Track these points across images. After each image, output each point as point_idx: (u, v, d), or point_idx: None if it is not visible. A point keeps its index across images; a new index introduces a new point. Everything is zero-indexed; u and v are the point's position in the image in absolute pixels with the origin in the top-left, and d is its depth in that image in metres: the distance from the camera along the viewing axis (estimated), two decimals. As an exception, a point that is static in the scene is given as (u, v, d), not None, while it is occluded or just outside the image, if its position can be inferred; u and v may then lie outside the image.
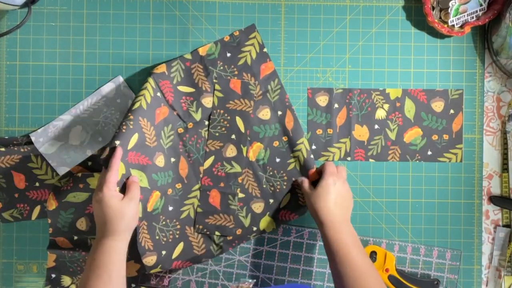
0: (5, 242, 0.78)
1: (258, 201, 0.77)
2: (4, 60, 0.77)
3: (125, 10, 0.78)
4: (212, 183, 0.76)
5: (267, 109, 0.76)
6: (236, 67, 0.76)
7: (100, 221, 0.63)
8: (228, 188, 0.76)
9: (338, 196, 0.69)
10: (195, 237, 0.75)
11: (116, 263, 0.61)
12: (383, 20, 0.78)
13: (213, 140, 0.76)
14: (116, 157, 0.64)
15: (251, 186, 0.77)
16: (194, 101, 0.76)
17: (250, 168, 0.77)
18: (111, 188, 0.63)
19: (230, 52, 0.76)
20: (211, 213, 0.76)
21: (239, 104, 0.76)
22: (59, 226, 0.76)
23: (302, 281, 0.78)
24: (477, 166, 0.79)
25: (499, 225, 0.79)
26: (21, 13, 0.77)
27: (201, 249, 0.75)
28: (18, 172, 0.76)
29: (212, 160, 0.76)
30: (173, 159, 0.74)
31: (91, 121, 0.76)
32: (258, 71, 0.76)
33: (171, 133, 0.74)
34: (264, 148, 0.76)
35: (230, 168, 0.76)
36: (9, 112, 0.77)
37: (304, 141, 0.76)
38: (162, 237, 0.72)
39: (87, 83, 0.77)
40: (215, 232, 0.76)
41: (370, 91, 0.78)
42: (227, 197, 0.76)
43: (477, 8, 0.76)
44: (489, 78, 0.79)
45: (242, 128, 0.76)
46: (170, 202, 0.74)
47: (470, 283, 0.79)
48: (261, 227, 0.76)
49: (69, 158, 0.75)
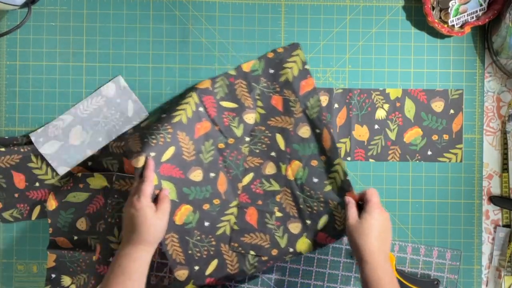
0: (5, 242, 0.78)
1: (295, 221, 0.75)
2: (4, 60, 0.77)
3: (125, 10, 0.78)
4: (250, 200, 0.75)
5: (307, 127, 0.75)
6: (278, 84, 0.75)
7: (130, 228, 0.64)
8: (265, 206, 0.75)
9: (382, 231, 0.66)
10: (230, 255, 0.74)
11: (141, 273, 0.62)
12: (383, 20, 0.78)
13: (253, 156, 0.75)
14: (150, 168, 0.66)
15: (288, 205, 0.75)
16: (236, 117, 0.75)
17: (288, 186, 0.75)
18: (147, 199, 0.64)
19: (273, 68, 0.75)
20: (247, 231, 0.74)
21: (280, 121, 0.75)
22: (59, 226, 0.76)
23: (302, 281, 0.78)
24: (477, 166, 0.79)
25: (499, 225, 0.79)
26: (21, 13, 0.77)
27: (235, 268, 0.74)
28: (18, 172, 0.76)
29: (251, 177, 0.75)
30: (213, 174, 0.73)
31: (91, 121, 0.76)
32: (298, 88, 0.75)
33: (212, 148, 0.73)
34: (302, 166, 0.75)
35: (269, 185, 0.75)
36: (9, 112, 0.77)
37: (340, 161, 0.74)
38: (196, 252, 0.71)
39: (87, 83, 0.77)
40: (250, 251, 0.74)
41: (370, 91, 0.78)
42: (264, 215, 0.75)
43: (477, 8, 0.76)
44: (489, 78, 0.79)
45: (282, 146, 0.75)
46: (206, 218, 0.73)
47: (470, 283, 0.79)
48: (297, 249, 0.74)
49: (69, 158, 0.75)
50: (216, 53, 0.78)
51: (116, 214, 0.74)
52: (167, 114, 0.71)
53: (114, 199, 0.74)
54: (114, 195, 0.74)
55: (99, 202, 0.76)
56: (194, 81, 0.78)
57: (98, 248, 0.74)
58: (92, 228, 0.76)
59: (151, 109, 0.77)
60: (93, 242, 0.77)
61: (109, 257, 0.74)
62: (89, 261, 0.76)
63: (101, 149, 0.76)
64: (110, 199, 0.74)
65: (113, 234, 0.74)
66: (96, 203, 0.76)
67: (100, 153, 0.76)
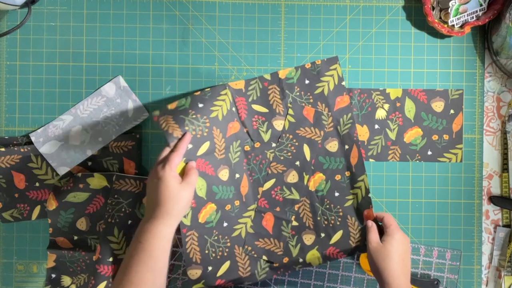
0: (5, 242, 0.78)
1: (310, 232, 0.75)
2: (4, 60, 0.77)
3: (125, 10, 0.78)
4: (269, 206, 0.75)
5: (336, 141, 0.76)
6: (312, 95, 0.75)
7: (153, 201, 0.61)
8: (283, 213, 0.75)
9: (404, 254, 0.67)
10: (242, 258, 0.74)
11: (163, 250, 0.59)
12: (383, 20, 0.78)
13: (277, 163, 0.75)
14: (185, 141, 0.63)
15: (306, 216, 0.76)
16: (265, 122, 0.75)
17: (308, 197, 0.76)
18: (173, 168, 0.61)
19: (309, 79, 0.75)
20: (262, 236, 0.75)
21: (309, 132, 0.75)
22: (59, 226, 0.76)
23: (302, 281, 0.78)
24: (477, 166, 0.79)
25: (499, 225, 0.79)
26: (21, 13, 0.77)
27: (246, 271, 0.74)
28: (18, 172, 0.76)
29: (273, 183, 0.75)
30: (238, 175, 0.73)
31: (91, 121, 0.76)
32: (333, 103, 0.75)
33: (238, 149, 0.73)
34: (325, 179, 0.75)
35: (289, 194, 0.75)
36: (9, 112, 0.77)
37: (364, 178, 0.75)
38: (212, 252, 0.71)
39: (87, 83, 0.77)
40: (263, 256, 0.75)
41: (370, 91, 0.78)
42: (281, 223, 0.75)
43: (477, 8, 0.76)
44: (489, 78, 0.79)
45: (307, 156, 0.75)
46: (226, 218, 0.73)
47: (470, 283, 0.79)
48: (307, 260, 0.75)
49: (69, 158, 0.75)
50: (216, 53, 0.78)
51: (116, 214, 0.74)
52: (204, 104, 0.68)
53: (114, 199, 0.74)
54: (114, 195, 0.74)
55: (99, 202, 0.76)
56: (194, 81, 0.78)
57: (98, 248, 0.74)
58: (92, 228, 0.76)
59: (151, 109, 0.77)
60: (93, 242, 0.77)
61: (109, 257, 0.74)
62: (89, 261, 0.76)
63: (101, 149, 0.76)
64: (110, 199, 0.74)
65: (113, 234, 0.74)
66: (96, 203, 0.76)
67: (100, 153, 0.77)
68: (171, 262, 0.77)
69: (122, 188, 0.74)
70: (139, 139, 0.77)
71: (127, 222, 0.75)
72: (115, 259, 0.75)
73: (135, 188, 0.75)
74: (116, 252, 0.75)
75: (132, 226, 0.75)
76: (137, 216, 0.76)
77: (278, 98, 0.75)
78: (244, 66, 0.78)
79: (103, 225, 0.75)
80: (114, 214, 0.74)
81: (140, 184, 0.75)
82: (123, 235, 0.75)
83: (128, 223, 0.75)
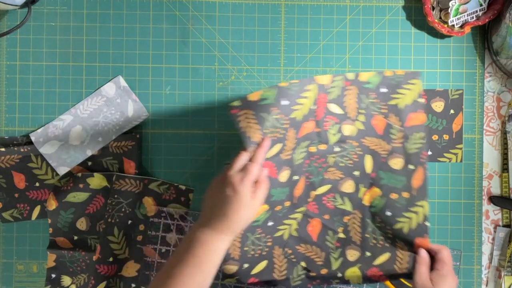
0: (5, 242, 0.78)
1: (355, 248, 0.70)
2: (4, 60, 0.77)
3: (125, 10, 0.78)
4: (318, 212, 0.71)
5: (401, 159, 0.68)
6: (387, 106, 0.68)
7: (219, 212, 0.55)
8: (331, 223, 0.71)
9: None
10: (280, 260, 0.71)
11: (214, 265, 0.55)
12: (383, 20, 0.78)
13: (336, 169, 0.70)
14: (264, 149, 0.58)
15: (354, 230, 0.71)
16: (336, 124, 0.68)
17: (361, 211, 0.70)
18: (251, 183, 0.56)
19: (386, 88, 0.67)
20: (305, 241, 0.71)
21: (375, 144, 0.69)
22: (59, 226, 0.76)
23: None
24: (477, 166, 0.79)
25: (499, 225, 0.79)
26: (21, 13, 0.77)
27: (282, 274, 0.70)
28: (18, 172, 0.76)
29: (327, 188, 0.70)
30: (296, 177, 0.67)
31: (91, 121, 0.76)
32: (406, 118, 0.67)
33: (304, 150, 0.67)
34: (381, 196, 0.69)
35: (341, 203, 0.70)
36: (9, 112, 0.77)
37: (425, 205, 0.67)
38: (251, 250, 0.68)
39: (87, 83, 0.77)
40: (301, 262, 0.71)
41: (370, 91, 0.78)
42: (326, 232, 0.71)
43: (477, 8, 0.76)
44: (489, 78, 0.79)
45: (368, 168, 0.69)
46: (273, 218, 0.68)
47: (470, 283, 0.79)
48: (346, 276, 0.70)
49: (69, 158, 0.75)
50: (216, 53, 0.78)
51: (116, 214, 0.74)
52: (289, 101, 0.61)
53: (114, 199, 0.74)
54: (114, 195, 0.74)
55: (99, 202, 0.76)
56: (194, 81, 0.78)
57: (98, 248, 0.74)
58: (92, 228, 0.76)
59: (151, 109, 0.77)
60: (93, 242, 0.77)
61: (109, 257, 0.74)
62: (89, 261, 0.76)
63: (101, 149, 0.76)
64: (110, 199, 0.74)
65: (113, 234, 0.74)
66: (96, 203, 0.76)
67: (100, 153, 0.77)
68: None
69: (122, 188, 0.74)
70: (139, 139, 0.77)
71: (127, 222, 0.75)
72: (115, 259, 0.75)
73: (135, 188, 0.75)
74: (116, 252, 0.75)
75: (132, 226, 0.75)
76: (137, 216, 0.76)
77: (353, 101, 0.67)
78: (244, 66, 0.78)
79: (103, 225, 0.75)
80: (114, 214, 0.74)
81: (140, 184, 0.75)
82: (123, 235, 0.75)
83: (128, 223, 0.75)
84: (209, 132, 0.78)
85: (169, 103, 0.78)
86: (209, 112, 0.78)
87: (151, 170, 0.78)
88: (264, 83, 0.78)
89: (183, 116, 0.78)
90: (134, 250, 0.76)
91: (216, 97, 0.78)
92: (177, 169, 0.78)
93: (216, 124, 0.78)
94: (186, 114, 0.78)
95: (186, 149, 0.78)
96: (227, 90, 0.78)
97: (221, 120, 0.78)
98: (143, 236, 0.76)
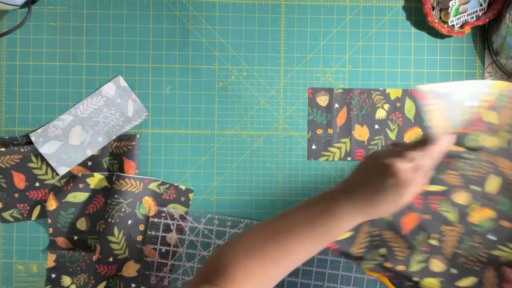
0: (5, 242, 0.78)
1: (442, 260, 0.65)
2: (4, 60, 0.77)
3: (125, 10, 0.78)
4: (421, 207, 0.65)
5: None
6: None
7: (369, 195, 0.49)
8: (429, 224, 0.64)
9: None
10: (363, 237, 0.66)
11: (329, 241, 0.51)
12: (383, 20, 0.78)
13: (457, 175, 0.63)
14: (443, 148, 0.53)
15: (449, 243, 0.65)
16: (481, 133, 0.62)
17: (464, 226, 0.64)
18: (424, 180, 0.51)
19: None
20: (394, 229, 0.65)
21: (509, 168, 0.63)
22: (59, 226, 0.76)
23: (302, 281, 0.78)
24: (477, 166, 0.79)
25: (499, 225, 0.79)
26: (21, 13, 0.77)
27: (359, 252, 0.66)
28: (18, 172, 0.76)
29: (440, 189, 0.64)
30: None
31: (91, 121, 0.76)
32: None
33: None
34: (492, 219, 0.64)
35: (446, 210, 0.64)
36: (9, 112, 0.77)
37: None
38: None
39: (87, 83, 0.77)
40: (380, 249, 0.66)
41: (370, 91, 0.78)
42: (420, 231, 0.65)
43: (477, 8, 0.76)
44: (489, 78, 0.79)
45: (491, 189, 0.63)
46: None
47: (470, 283, 0.79)
48: (422, 284, 0.65)
49: (69, 158, 0.76)
50: (216, 53, 0.78)
51: (116, 214, 0.74)
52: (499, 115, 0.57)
53: (114, 199, 0.74)
54: (114, 195, 0.74)
55: (99, 202, 0.76)
56: (194, 81, 0.78)
57: (98, 248, 0.74)
58: (92, 228, 0.76)
59: (151, 109, 0.77)
60: (93, 242, 0.77)
61: (109, 257, 0.74)
62: (89, 261, 0.76)
63: (101, 149, 0.76)
64: (110, 199, 0.74)
65: (113, 234, 0.74)
66: (96, 203, 0.76)
67: (100, 153, 0.77)
68: (171, 262, 0.77)
69: (122, 188, 0.74)
70: (139, 139, 0.77)
71: (127, 222, 0.75)
72: (115, 259, 0.75)
73: (135, 188, 0.75)
74: (116, 252, 0.75)
75: (132, 226, 0.75)
76: (137, 216, 0.76)
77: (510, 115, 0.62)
78: (244, 66, 0.78)
79: (103, 225, 0.75)
80: (114, 214, 0.74)
81: (140, 184, 0.75)
82: (123, 235, 0.75)
83: (128, 223, 0.75)
84: (209, 132, 0.78)
85: (169, 103, 0.78)
86: (209, 112, 0.78)
87: (151, 170, 0.78)
88: (264, 83, 0.78)
89: (183, 116, 0.78)
90: (134, 250, 0.76)
91: (216, 97, 0.78)
92: (177, 169, 0.78)
93: (216, 124, 0.78)
94: (186, 114, 0.78)
95: (186, 149, 0.78)
96: (227, 90, 0.78)
97: (221, 120, 0.78)
98: (143, 236, 0.76)
